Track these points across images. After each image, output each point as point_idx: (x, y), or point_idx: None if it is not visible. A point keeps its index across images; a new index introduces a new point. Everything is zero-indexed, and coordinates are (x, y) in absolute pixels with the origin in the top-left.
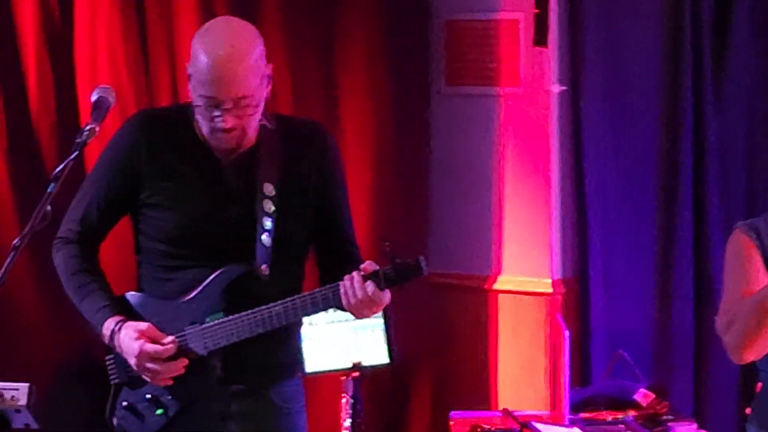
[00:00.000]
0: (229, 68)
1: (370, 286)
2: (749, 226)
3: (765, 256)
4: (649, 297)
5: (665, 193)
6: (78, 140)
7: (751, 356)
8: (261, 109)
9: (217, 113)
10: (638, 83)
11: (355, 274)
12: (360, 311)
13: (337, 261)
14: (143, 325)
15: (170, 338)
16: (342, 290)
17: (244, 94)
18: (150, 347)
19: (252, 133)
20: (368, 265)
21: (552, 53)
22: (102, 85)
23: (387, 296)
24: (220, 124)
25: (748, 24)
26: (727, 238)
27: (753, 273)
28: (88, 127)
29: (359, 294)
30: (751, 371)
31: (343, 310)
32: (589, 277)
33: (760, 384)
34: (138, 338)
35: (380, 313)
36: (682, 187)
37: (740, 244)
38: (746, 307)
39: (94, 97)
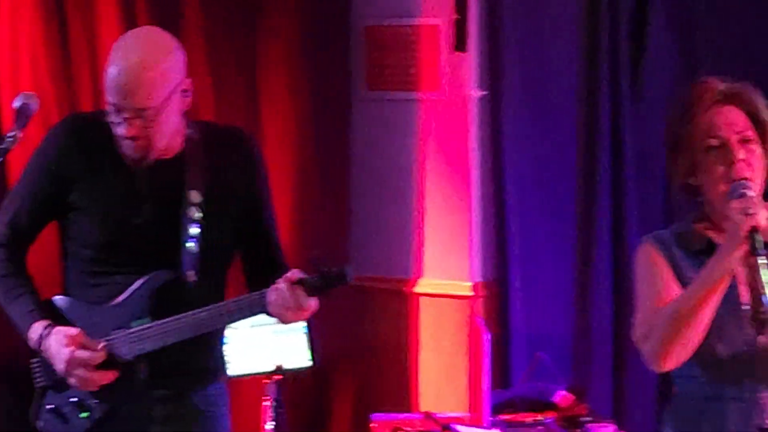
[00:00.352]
0: (132, 79)
1: (298, 293)
2: (655, 238)
3: (673, 265)
4: (569, 299)
5: (584, 197)
6: (1, 147)
7: (670, 364)
8: (171, 121)
9: (119, 120)
10: (557, 88)
11: (282, 281)
12: (287, 318)
13: (263, 267)
14: (73, 331)
15: (101, 344)
16: (270, 298)
17: (145, 106)
18: (82, 354)
19: (162, 143)
20: (295, 273)
21: (472, 58)
22: (25, 92)
23: (314, 303)
24: (122, 131)
25: (664, 29)
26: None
27: (664, 284)
28: (10, 134)
29: (287, 302)
30: (668, 373)
31: (271, 316)
32: (509, 280)
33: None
34: (68, 344)
35: None
36: (600, 191)
37: (648, 256)
38: (662, 317)
39: (16, 104)
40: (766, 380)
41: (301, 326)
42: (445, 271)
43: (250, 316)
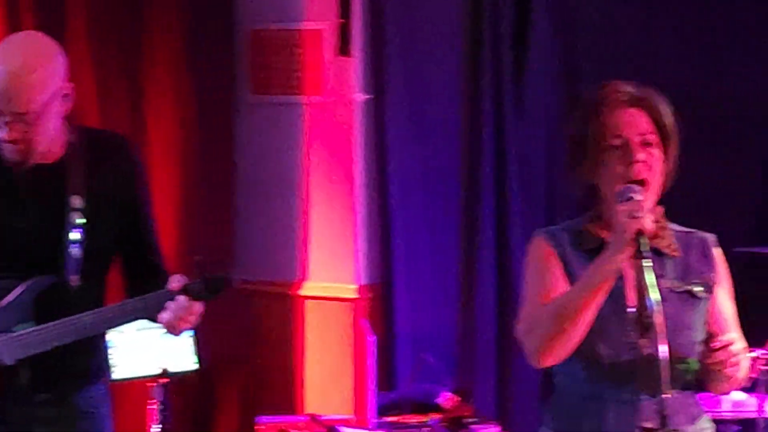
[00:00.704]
0: (13, 83)
1: (181, 300)
2: (548, 233)
3: (564, 262)
4: (453, 302)
5: (468, 200)
6: None
7: (550, 361)
8: (52, 125)
9: (0, 124)
10: (440, 91)
11: (166, 288)
12: (172, 325)
13: (143, 271)
14: None
15: None
16: (153, 304)
17: (26, 110)
18: None
19: (42, 147)
20: (177, 279)
21: (356, 62)
22: None
23: (198, 308)
24: (3, 135)
25: (546, 34)
26: (527, 242)
27: (552, 279)
28: None
29: (171, 308)
30: (552, 374)
31: (155, 321)
32: (394, 283)
33: None
34: None
35: None
36: (484, 194)
37: (540, 250)
38: (546, 312)
39: None
40: (645, 383)
41: None
42: (330, 274)
43: (133, 320)
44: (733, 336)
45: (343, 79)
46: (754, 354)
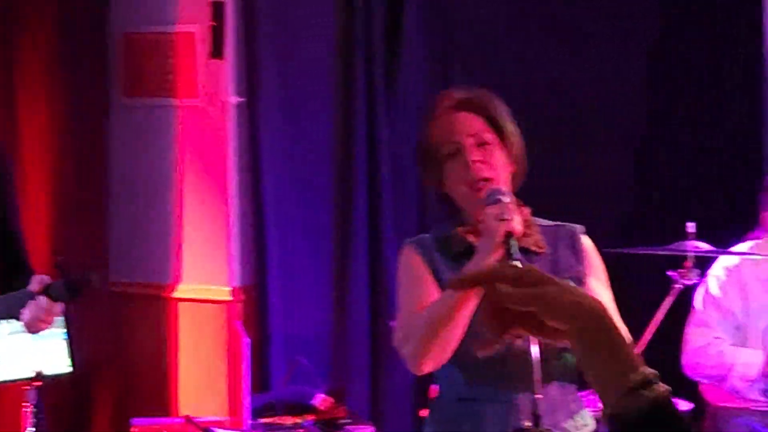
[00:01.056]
0: None
1: (41, 300)
2: (416, 241)
3: (433, 269)
4: (327, 303)
5: (341, 201)
6: None
7: (428, 367)
8: None
9: None
10: (313, 92)
11: (28, 288)
12: (32, 325)
13: (8, 271)
14: None
15: None
16: (15, 304)
17: None
18: None
19: None
20: (39, 280)
21: (228, 65)
22: None
23: (58, 309)
24: None
25: (418, 35)
26: (400, 243)
27: (424, 287)
28: None
29: (32, 308)
30: (424, 375)
31: (18, 320)
32: (268, 285)
33: (435, 387)
34: None
35: (62, 322)
36: (357, 196)
37: (409, 260)
38: (421, 320)
39: None
40: (521, 382)
41: (60, 332)
42: (204, 276)
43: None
44: None
45: (216, 82)
46: None
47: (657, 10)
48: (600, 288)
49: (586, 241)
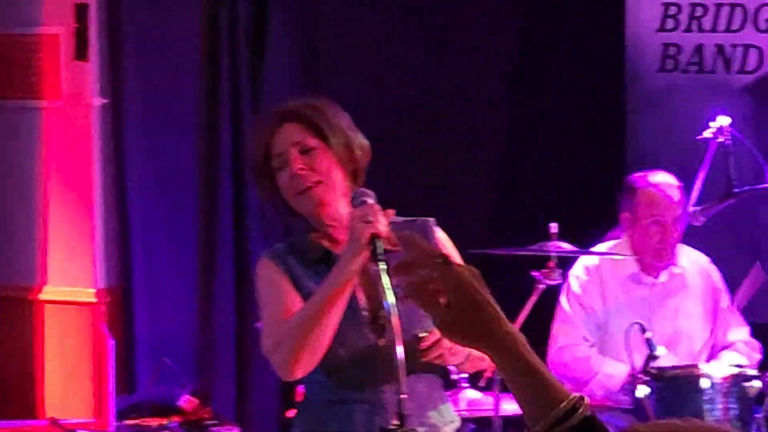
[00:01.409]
0: None
1: None
2: (272, 252)
3: (291, 277)
4: (192, 304)
5: (206, 203)
6: None
7: (300, 373)
8: None
9: None
10: (178, 96)
11: None
12: None
13: None
14: None
15: None
16: None
17: None
18: None
19: None
20: None
21: (93, 67)
22: None
23: None
24: None
25: (284, 35)
26: (266, 243)
27: (286, 296)
28: None
29: None
30: None
31: None
32: (133, 287)
33: (301, 388)
34: None
35: None
36: (222, 197)
37: (267, 272)
38: (289, 327)
39: None
40: (388, 382)
41: None
42: (69, 278)
43: None
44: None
45: (81, 84)
46: None
47: (521, 12)
48: None
49: (440, 233)
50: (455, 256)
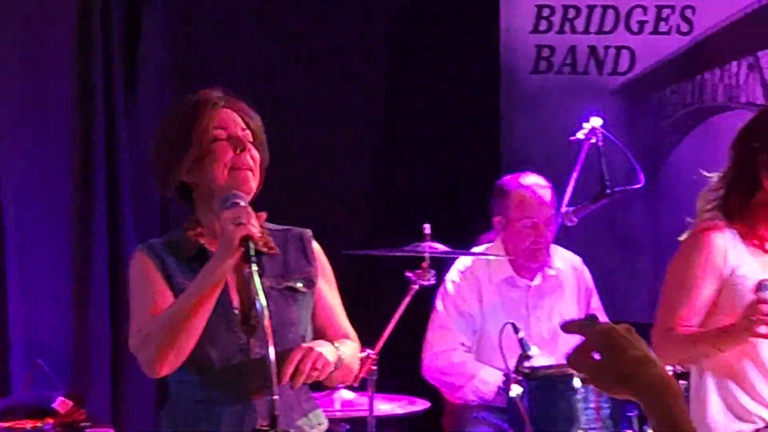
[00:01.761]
0: None
1: None
2: (148, 246)
3: (165, 273)
4: (67, 306)
5: (80, 205)
6: None
7: (165, 370)
8: None
9: None
10: (53, 95)
11: None
12: None
13: None
14: None
15: None
16: None
17: None
18: None
19: None
20: None
21: None
22: None
23: None
24: None
25: (157, 36)
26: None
27: (157, 292)
28: None
29: None
30: (165, 377)
31: None
32: (7, 289)
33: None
34: None
35: None
36: (96, 198)
37: (141, 265)
38: (157, 324)
39: None
40: (258, 383)
41: None
42: None
43: None
44: (309, 343)
45: None
46: (363, 354)
47: (394, 13)
48: (330, 291)
49: (316, 245)
50: (329, 270)
